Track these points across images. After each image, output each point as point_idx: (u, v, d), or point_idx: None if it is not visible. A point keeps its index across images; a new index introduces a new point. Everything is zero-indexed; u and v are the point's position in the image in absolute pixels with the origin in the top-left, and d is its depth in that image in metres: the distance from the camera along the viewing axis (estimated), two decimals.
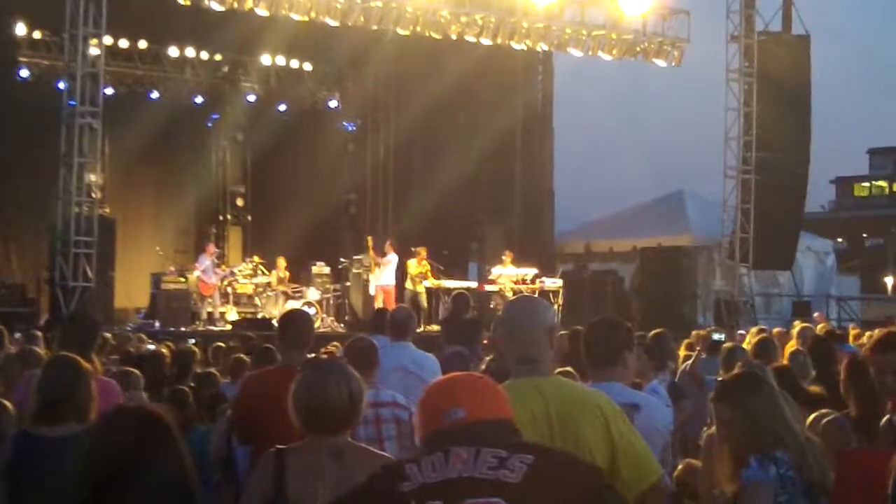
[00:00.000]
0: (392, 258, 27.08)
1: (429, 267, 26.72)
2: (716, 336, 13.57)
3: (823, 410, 6.91)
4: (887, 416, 5.96)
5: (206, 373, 10.99)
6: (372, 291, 27.32)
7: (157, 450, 3.42)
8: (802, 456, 5.32)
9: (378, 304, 26.15)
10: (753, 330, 15.29)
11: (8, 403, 7.33)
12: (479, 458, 3.15)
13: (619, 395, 5.72)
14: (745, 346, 12.02)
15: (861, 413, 6.54)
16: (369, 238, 27.90)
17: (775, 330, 17.12)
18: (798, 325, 15.19)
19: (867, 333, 14.20)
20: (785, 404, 5.55)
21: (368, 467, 5.19)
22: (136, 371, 9.99)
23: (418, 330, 18.79)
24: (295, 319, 8.19)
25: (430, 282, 26.80)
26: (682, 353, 14.15)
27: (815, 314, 24.29)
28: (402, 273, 26.96)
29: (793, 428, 5.42)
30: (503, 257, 27.52)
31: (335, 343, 12.75)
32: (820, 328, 15.97)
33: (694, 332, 16.13)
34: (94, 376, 6.47)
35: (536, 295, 25.69)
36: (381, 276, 26.98)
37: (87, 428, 5.25)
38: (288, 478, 5.05)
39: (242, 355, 12.15)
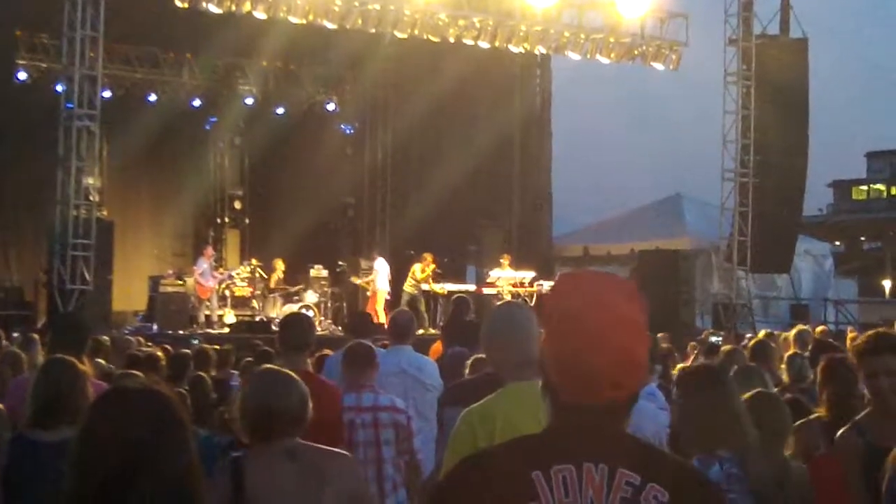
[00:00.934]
0: (378, 266, 27.24)
1: (431, 272, 26.83)
2: (713, 339, 13.59)
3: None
4: (849, 425, 5.87)
5: (200, 376, 10.97)
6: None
7: (164, 441, 3.31)
8: (744, 458, 5.33)
9: (378, 306, 26.27)
10: (762, 333, 15.26)
11: (1, 406, 7.32)
12: (612, 484, 2.86)
13: None
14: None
15: (832, 417, 6.54)
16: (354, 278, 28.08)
17: (781, 335, 17.13)
18: (795, 329, 15.19)
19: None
20: (739, 405, 5.58)
21: (325, 466, 5.21)
22: (140, 374, 10.00)
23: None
24: (296, 322, 8.21)
25: (430, 286, 26.88)
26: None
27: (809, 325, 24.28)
28: (402, 275, 27.09)
29: (739, 429, 5.44)
30: (501, 260, 27.54)
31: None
32: (818, 331, 15.97)
33: (659, 334, 16.07)
34: (88, 379, 6.46)
35: (534, 298, 25.82)
36: (377, 284, 27.09)
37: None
38: (247, 484, 5.05)
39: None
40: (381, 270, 27.25)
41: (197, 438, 3.44)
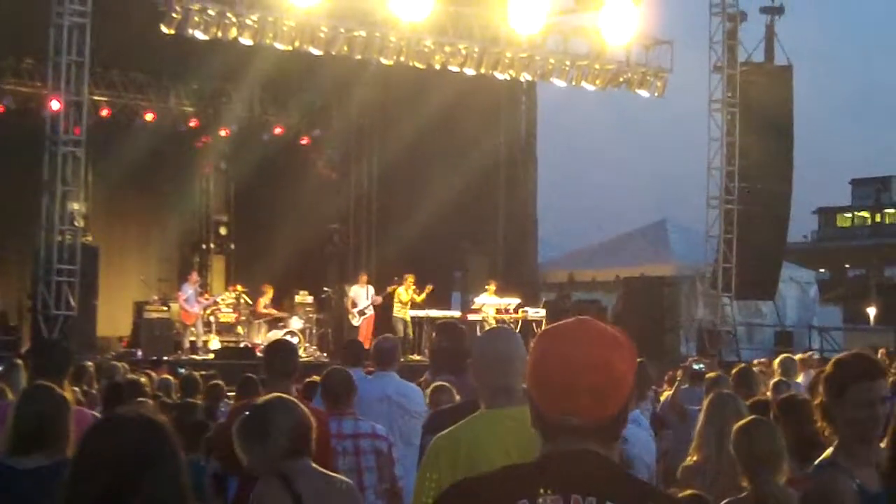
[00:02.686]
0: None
1: (414, 293, 27.01)
2: (696, 366, 13.61)
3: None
4: (826, 463, 5.50)
5: (186, 402, 10.96)
6: (357, 322, 27.37)
7: (156, 468, 3.31)
8: None
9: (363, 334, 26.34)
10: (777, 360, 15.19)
11: None
12: None
13: None
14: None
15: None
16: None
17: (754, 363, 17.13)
18: (780, 356, 15.19)
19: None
20: None
21: (346, 485, 5.31)
22: (150, 401, 10.05)
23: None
24: (281, 349, 8.22)
25: (405, 308, 27.10)
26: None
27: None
28: (389, 301, 27.24)
29: None
30: (487, 287, 27.56)
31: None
32: (799, 358, 15.99)
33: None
34: (70, 406, 6.43)
35: (519, 324, 25.82)
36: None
37: (62, 460, 5.22)
38: (302, 494, 5.18)
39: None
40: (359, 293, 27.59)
41: (188, 465, 3.46)
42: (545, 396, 2.97)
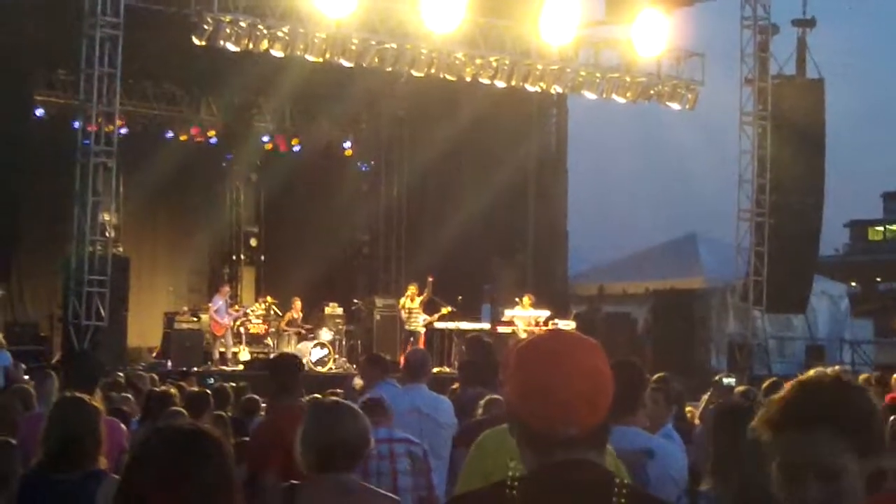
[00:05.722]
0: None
1: (417, 302, 26.98)
2: (726, 381, 13.53)
3: None
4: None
5: (220, 414, 10.94)
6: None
7: (213, 480, 3.30)
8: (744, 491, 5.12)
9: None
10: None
11: (13, 441, 7.30)
12: None
13: (635, 439, 5.67)
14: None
15: None
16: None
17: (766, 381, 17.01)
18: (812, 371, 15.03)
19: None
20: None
21: None
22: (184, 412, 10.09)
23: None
24: (285, 364, 8.35)
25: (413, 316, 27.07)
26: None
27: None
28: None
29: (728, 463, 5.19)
30: (523, 299, 27.37)
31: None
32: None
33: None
34: (101, 417, 6.43)
35: None
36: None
37: (94, 472, 5.21)
38: None
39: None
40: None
41: None
42: (538, 410, 2.94)
